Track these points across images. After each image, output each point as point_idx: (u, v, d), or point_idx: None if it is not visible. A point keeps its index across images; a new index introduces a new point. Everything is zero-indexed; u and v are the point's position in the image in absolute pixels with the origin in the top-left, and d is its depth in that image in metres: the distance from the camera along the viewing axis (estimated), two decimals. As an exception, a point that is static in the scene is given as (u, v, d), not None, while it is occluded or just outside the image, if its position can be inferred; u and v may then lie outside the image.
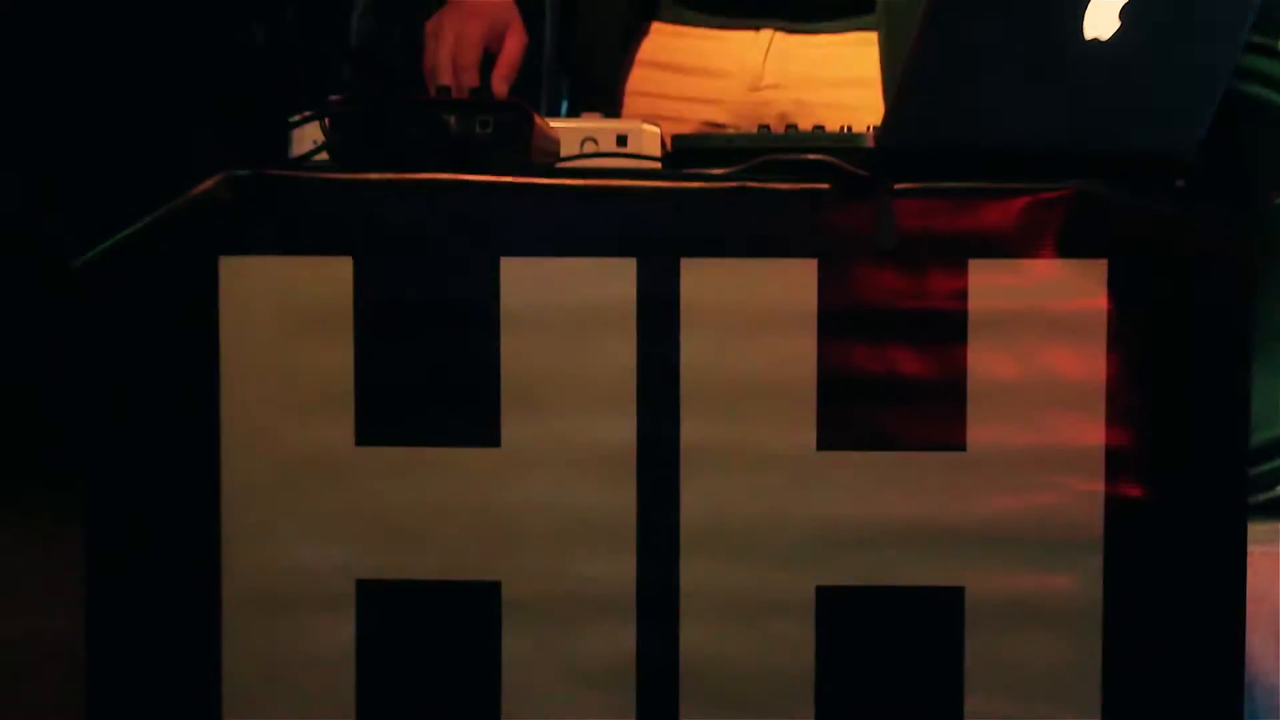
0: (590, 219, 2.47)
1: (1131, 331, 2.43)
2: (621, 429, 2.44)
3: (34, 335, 4.33)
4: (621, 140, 2.70)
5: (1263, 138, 4.12)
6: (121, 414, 2.47)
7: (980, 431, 2.42)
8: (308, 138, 2.65)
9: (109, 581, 2.49)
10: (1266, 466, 4.13)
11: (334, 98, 2.64)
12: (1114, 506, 2.42)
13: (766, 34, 3.43)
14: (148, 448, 2.46)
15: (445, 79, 3.19)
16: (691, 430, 2.44)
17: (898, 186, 2.42)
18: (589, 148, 2.68)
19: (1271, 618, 3.71)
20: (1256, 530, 3.46)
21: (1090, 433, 2.41)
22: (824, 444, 2.43)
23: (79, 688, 2.50)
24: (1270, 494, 4.05)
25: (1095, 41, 2.45)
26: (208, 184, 2.42)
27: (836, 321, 2.43)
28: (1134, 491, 2.41)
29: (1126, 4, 2.44)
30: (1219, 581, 2.50)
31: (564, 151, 2.66)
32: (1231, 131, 3.06)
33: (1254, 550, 2.63)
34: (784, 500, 2.44)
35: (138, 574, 2.48)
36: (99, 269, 2.42)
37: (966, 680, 2.44)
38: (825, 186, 2.45)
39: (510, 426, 2.44)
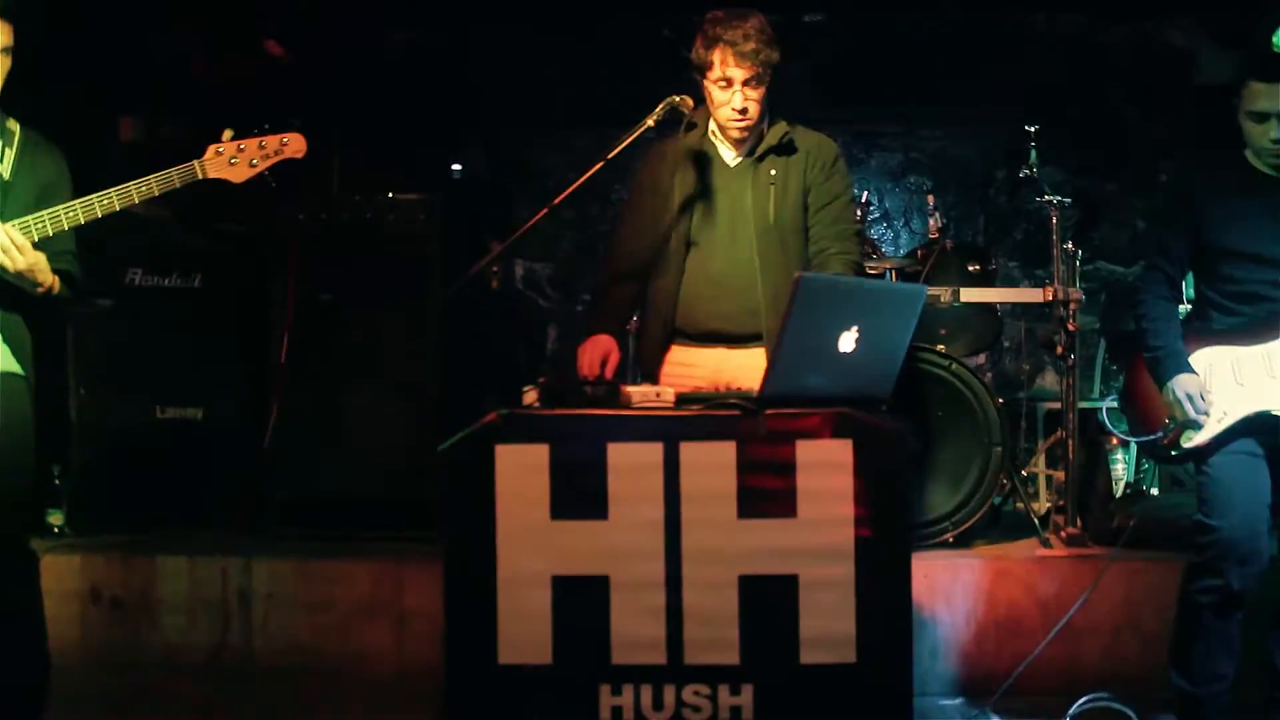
0: (643, 426, 2.61)
1: (864, 470, 2.54)
2: (656, 512, 2.56)
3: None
4: (658, 395, 2.74)
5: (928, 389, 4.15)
6: (462, 509, 2.60)
7: (804, 510, 2.54)
8: (529, 397, 2.75)
9: (456, 584, 2.59)
10: (932, 529, 4.02)
11: (542, 380, 2.79)
12: (858, 541, 2.53)
13: (721, 350, 3.33)
14: (468, 524, 2.58)
15: (585, 373, 3.20)
16: (687, 512, 2.55)
17: (768, 412, 2.57)
18: (645, 401, 2.73)
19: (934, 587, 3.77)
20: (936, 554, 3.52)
21: (845, 509, 2.53)
22: (741, 515, 2.55)
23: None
24: (935, 540, 4.00)
25: (844, 352, 2.61)
26: (491, 416, 2.59)
27: (744, 466, 2.55)
28: (864, 533, 2.53)
29: (857, 338, 2.59)
30: (899, 571, 2.58)
31: (635, 402, 2.72)
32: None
33: (933, 560, 2.76)
34: (725, 538, 2.55)
35: (465, 577, 2.59)
36: (450, 451, 2.58)
37: (801, 614, 2.53)
38: (738, 413, 2.60)
39: (613, 510, 2.56)
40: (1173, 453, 3.08)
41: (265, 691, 3.78)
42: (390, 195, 4.41)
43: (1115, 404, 3.31)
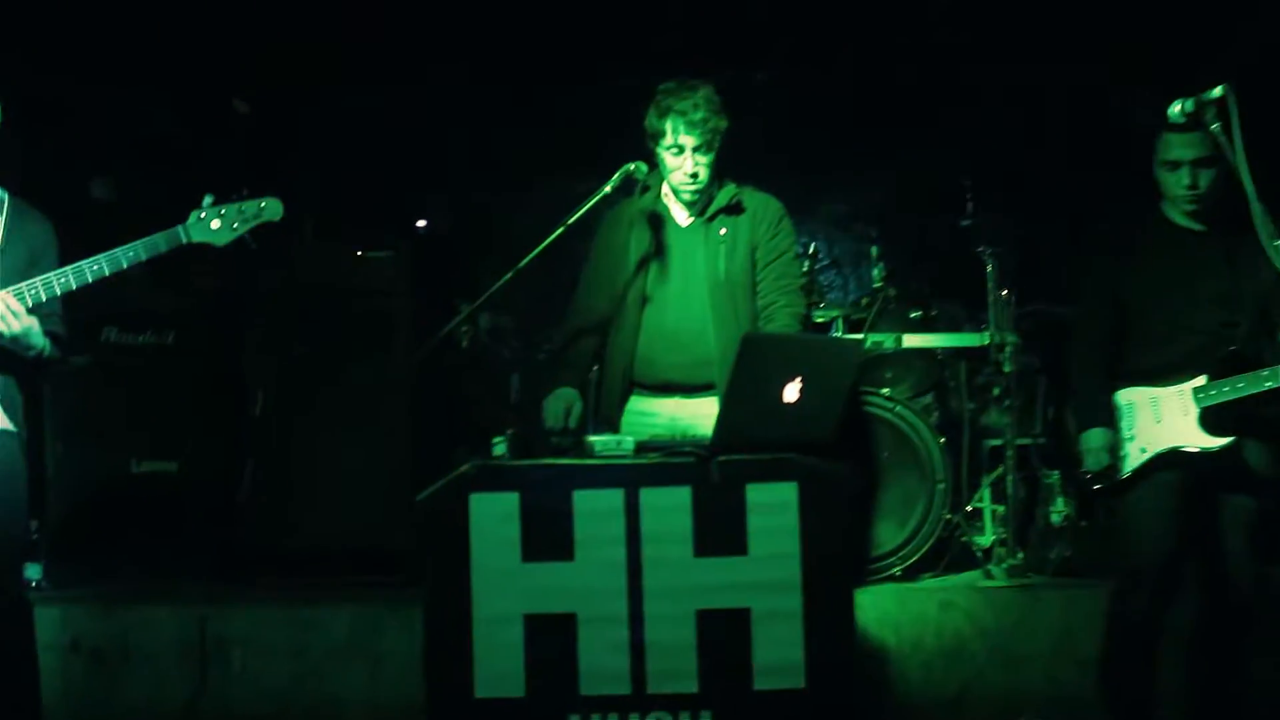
0: (606, 473, 2.83)
1: (808, 509, 2.77)
2: (619, 553, 2.78)
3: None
4: (619, 444, 2.95)
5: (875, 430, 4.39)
6: (439, 554, 2.80)
7: (754, 547, 2.78)
8: (499, 447, 2.97)
9: (435, 624, 2.81)
10: (881, 564, 4.27)
11: (510, 431, 3.00)
12: (805, 575, 2.76)
13: (677, 399, 3.52)
14: (446, 568, 2.78)
15: (551, 424, 3.40)
16: (647, 552, 2.78)
17: (720, 458, 2.81)
18: (606, 450, 2.93)
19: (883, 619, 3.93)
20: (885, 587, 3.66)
21: (792, 546, 2.76)
22: (696, 554, 2.78)
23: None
24: (884, 575, 4.25)
25: (789, 401, 2.85)
26: (464, 467, 2.81)
27: (699, 508, 2.79)
28: (811, 568, 2.76)
29: (801, 388, 2.84)
30: (843, 602, 2.83)
31: (598, 450, 2.92)
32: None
33: (882, 594, 2.96)
34: (682, 575, 2.78)
35: (443, 616, 2.79)
36: (427, 501, 2.80)
37: (754, 644, 2.76)
38: (693, 459, 2.83)
39: (579, 552, 2.78)
40: (1095, 486, 3.34)
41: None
42: (359, 252, 4.64)
43: (1044, 441, 3.58)
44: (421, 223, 5.30)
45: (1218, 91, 2.75)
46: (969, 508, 4.75)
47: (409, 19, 5.39)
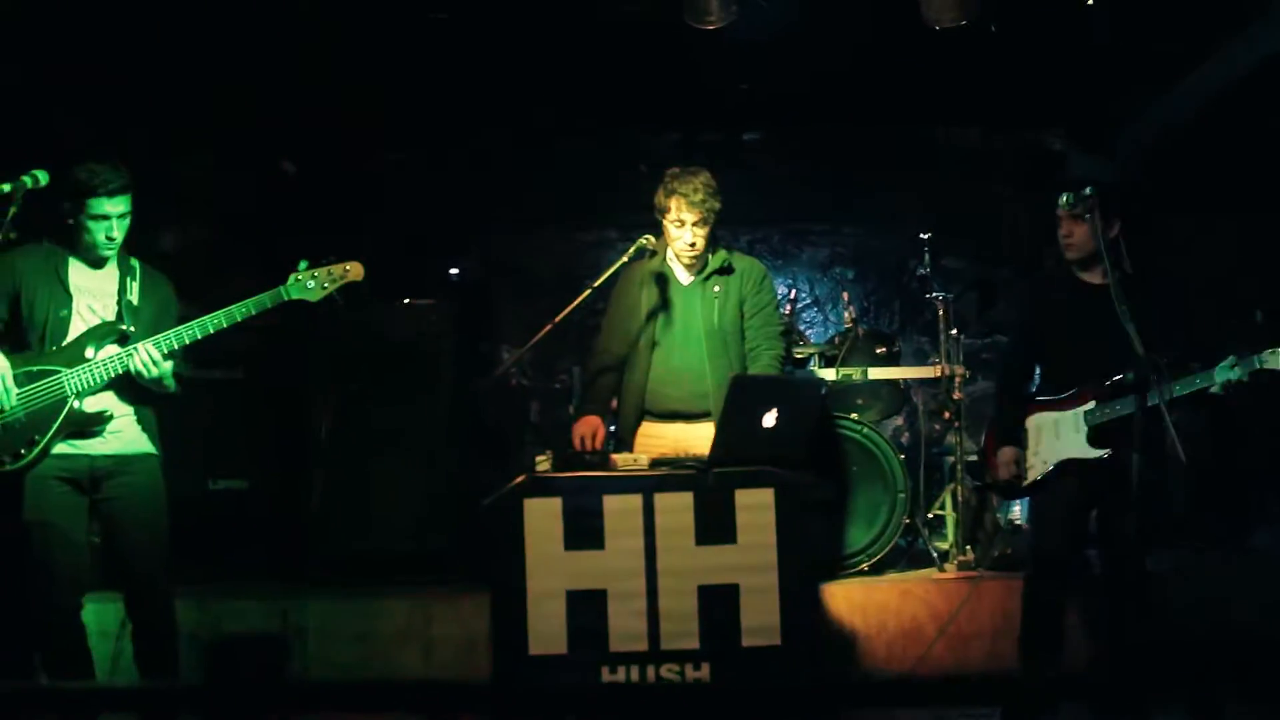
0: (628, 482, 3.60)
1: (781, 510, 3.55)
2: (639, 543, 3.54)
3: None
4: (636, 460, 3.72)
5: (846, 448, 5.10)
6: (501, 545, 3.56)
7: (742, 538, 3.56)
8: (542, 465, 3.74)
9: (499, 598, 3.57)
10: (852, 561, 5.05)
11: (549, 451, 3.78)
12: (780, 559, 3.54)
13: (680, 425, 4.23)
14: (505, 553, 3.54)
15: (580, 446, 4.11)
16: (660, 542, 3.54)
17: (715, 470, 3.60)
18: (627, 465, 3.70)
19: (852, 606, 4.74)
20: (854, 580, 4.46)
21: (770, 538, 3.55)
22: (698, 543, 3.55)
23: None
24: (854, 569, 4.99)
25: (768, 426, 3.65)
26: (520, 479, 3.58)
27: (700, 508, 3.55)
28: (784, 554, 3.54)
29: (777, 417, 3.65)
30: (808, 580, 3.62)
31: (620, 465, 3.69)
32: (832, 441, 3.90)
33: (851, 585, 3.74)
34: (687, 559, 3.54)
35: (505, 593, 3.55)
36: (491, 504, 3.58)
37: (742, 612, 3.53)
38: (694, 471, 3.63)
39: (608, 542, 3.54)
40: (1010, 491, 4.27)
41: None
42: (406, 300, 5.48)
43: (977, 457, 4.49)
44: (454, 271, 6.06)
45: (1089, 190, 3.69)
46: (930, 514, 5.65)
47: (440, 93, 6.17)
